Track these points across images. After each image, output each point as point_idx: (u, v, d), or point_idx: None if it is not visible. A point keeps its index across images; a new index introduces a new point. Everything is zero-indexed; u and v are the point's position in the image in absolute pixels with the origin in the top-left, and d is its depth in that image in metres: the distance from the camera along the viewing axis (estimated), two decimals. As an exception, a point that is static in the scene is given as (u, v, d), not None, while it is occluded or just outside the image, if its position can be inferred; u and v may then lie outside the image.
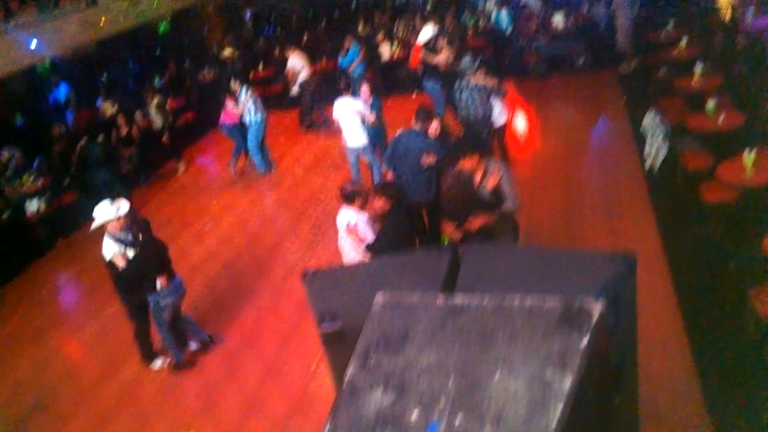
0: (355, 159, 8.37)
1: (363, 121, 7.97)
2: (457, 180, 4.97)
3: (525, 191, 7.95)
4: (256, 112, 9.79)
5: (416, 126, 6.48)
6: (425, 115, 6.50)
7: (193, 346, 6.24)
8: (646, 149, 7.26)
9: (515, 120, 10.00)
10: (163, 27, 14.94)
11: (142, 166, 10.99)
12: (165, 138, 11.13)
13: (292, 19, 18.65)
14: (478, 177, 5.07)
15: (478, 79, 7.71)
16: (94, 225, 5.63)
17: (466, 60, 8.15)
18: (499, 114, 7.92)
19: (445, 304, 1.77)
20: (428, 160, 6.17)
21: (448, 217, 5.14)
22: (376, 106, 8.15)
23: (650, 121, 7.16)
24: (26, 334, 7.38)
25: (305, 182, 9.83)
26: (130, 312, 6.01)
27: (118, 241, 5.55)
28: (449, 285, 2.33)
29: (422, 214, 6.48)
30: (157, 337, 6.15)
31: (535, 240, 6.79)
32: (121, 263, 5.49)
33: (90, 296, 7.93)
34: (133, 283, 5.62)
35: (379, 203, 5.07)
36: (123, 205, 5.63)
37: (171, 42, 16.65)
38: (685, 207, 6.63)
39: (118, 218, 5.55)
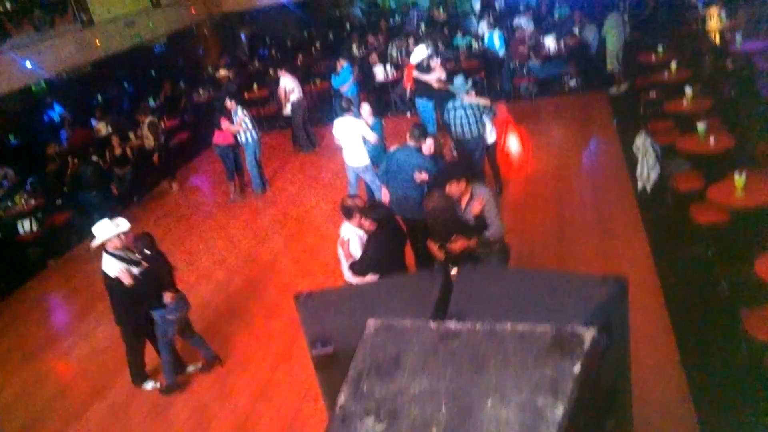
0: (355, 178, 8.39)
1: (364, 141, 8.00)
2: (443, 201, 4.95)
3: (517, 212, 8.02)
4: (251, 132, 9.83)
5: (410, 143, 6.57)
6: (419, 132, 6.58)
7: (190, 369, 6.19)
8: (638, 171, 7.30)
9: (507, 141, 10.06)
10: (158, 48, 15.02)
11: (136, 186, 10.99)
12: (156, 158, 11.11)
13: (286, 40, 18.82)
14: (463, 201, 5.07)
15: (472, 98, 7.83)
16: (95, 243, 5.60)
17: (460, 79, 8.22)
18: (489, 133, 8.03)
19: (437, 330, 1.77)
20: (421, 177, 6.22)
21: (432, 236, 5.14)
22: (378, 126, 8.18)
23: (641, 142, 7.21)
24: (16, 355, 7.33)
25: (299, 202, 9.83)
26: (126, 331, 5.93)
27: (120, 258, 5.52)
28: (441, 308, 2.33)
29: (415, 230, 6.46)
30: (149, 358, 6.10)
31: (528, 261, 6.81)
32: (127, 280, 5.42)
33: (81, 317, 7.88)
34: (140, 299, 5.54)
35: (366, 223, 5.07)
36: (122, 223, 5.63)
37: (166, 62, 16.76)
38: (677, 228, 6.67)
39: (119, 236, 5.54)
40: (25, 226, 9.51)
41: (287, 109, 11.51)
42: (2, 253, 9.57)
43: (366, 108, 8.18)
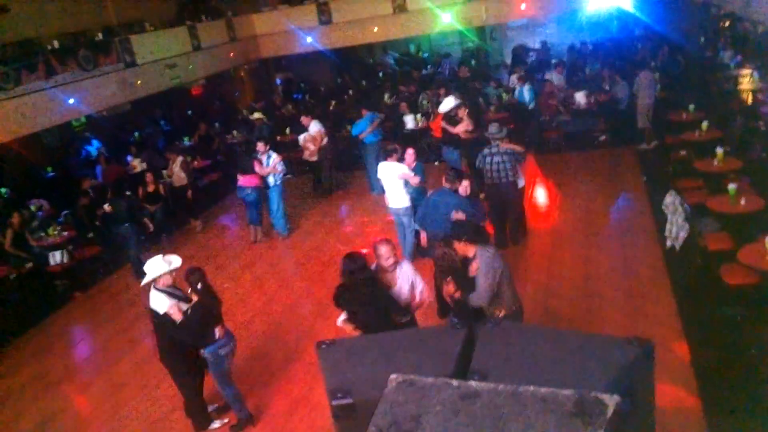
0: (400, 220, 8.50)
1: (406, 184, 8.13)
2: (447, 254, 5.18)
3: (542, 265, 7.98)
4: (280, 175, 10.01)
5: (446, 185, 6.90)
6: (455, 175, 6.93)
7: (216, 425, 5.96)
8: (667, 229, 7.24)
9: (534, 193, 10.09)
10: (193, 87, 15.45)
11: (165, 223, 11.17)
12: (190, 194, 11.32)
13: (320, 86, 19.25)
14: (469, 257, 5.09)
15: (507, 145, 8.23)
16: (146, 279, 5.48)
17: (495, 127, 8.48)
18: (520, 178, 8.37)
19: (458, 389, 1.77)
20: (458, 216, 6.40)
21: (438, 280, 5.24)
22: (420, 170, 8.32)
23: (671, 201, 7.16)
24: (37, 385, 7.37)
25: (322, 245, 9.90)
26: (177, 370, 5.69)
27: (170, 295, 5.45)
28: (463, 364, 2.32)
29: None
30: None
31: (552, 316, 6.73)
32: (178, 316, 5.32)
33: (103, 352, 7.95)
34: (192, 336, 5.42)
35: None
36: (175, 260, 5.56)
37: (203, 103, 17.20)
38: (706, 288, 6.55)
39: (170, 272, 5.50)
40: (56, 257, 9.69)
41: (314, 156, 11.70)
42: (32, 282, 9.77)
43: (410, 153, 8.38)
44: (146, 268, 5.50)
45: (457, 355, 2.31)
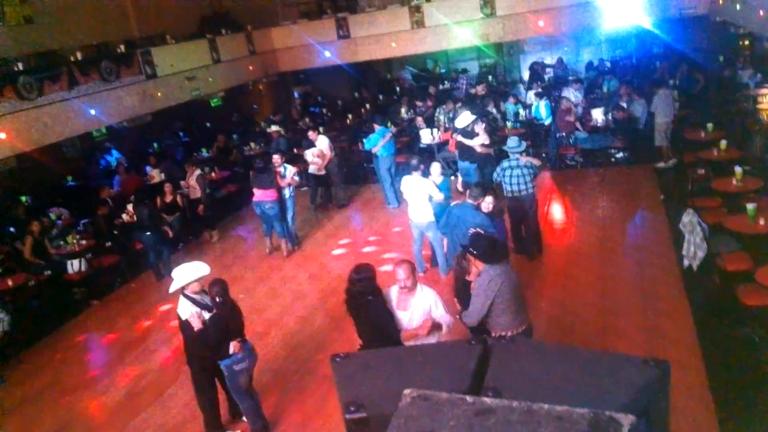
0: (419, 235, 8.51)
1: (430, 199, 8.14)
2: (460, 264, 5.38)
3: (558, 282, 7.95)
4: (293, 187, 10.10)
5: (469, 200, 6.92)
6: (479, 191, 6.94)
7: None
8: (684, 248, 7.18)
9: (551, 209, 10.05)
10: (215, 102, 15.61)
11: (182, 233, 11.28)
12: (201, 209, 11.39)
13: (338, 100, 19.39)
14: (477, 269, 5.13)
15: (526, 158, 8.37)
16: (175, 286, 5.56)
17: (514, 141, 8.57)
18: (537, 192, 8.54)
19: (473, 405, 1.77)
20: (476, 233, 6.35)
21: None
22: (445, 185, 8.35)
23: (688, 220, 7.12)
24: (52, 393, 7.44)
25: (338, 258, 9.93)
26: (195, 377, 5.79)
27: (195, 302, 5.52)
28: (478, 380, 2.32)
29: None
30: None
31: (567, 333, 6.69)
32: (197, 324, 5.37)
33: (118, 360, 7.99)
34: (207, 346, 5.44)
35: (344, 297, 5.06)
36: (203, 268, 5.62)
37: (222, 116, 17.38)
38: (723, 309, 6.49)
39: (198, 280, 5.56)
40: (74, 265, 9.80)
41: (322, 171, 11.76)
42: (50, 290, 9.89)
43: (436, 167, 8.42)
44: (174, 274, 5.56)
45: (471, 372, 2.31)
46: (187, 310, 5.47)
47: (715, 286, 6.79)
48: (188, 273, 5.53)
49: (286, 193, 10.09)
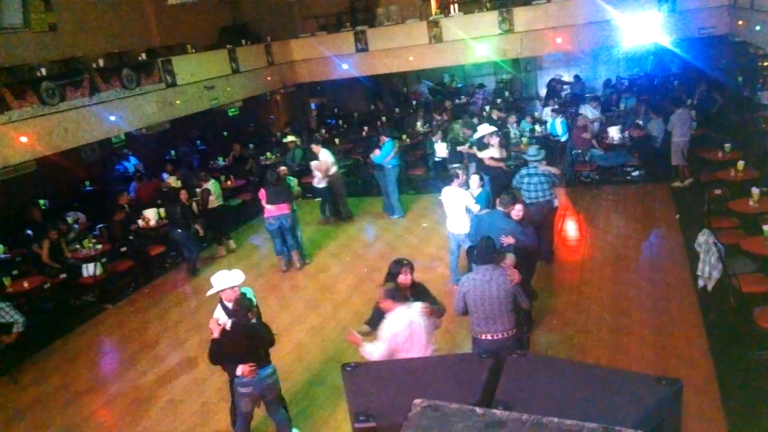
0: (456, 246, 8.50)
1: (468, 210, 8.17)
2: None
3: (571, 299, 7.91)
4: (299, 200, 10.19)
5: (499, 208, 7.00)
6: (509, 199, 7.02)
7: None
8: (699, 268, 7.12)
9: (565, 226, 10.01)
10: (233, 111, 15.74)
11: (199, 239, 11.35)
12: (216, 217, 11.38)
13: (354, 112, 19.48)
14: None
15: (545, 167, 8.54)
16: (211, 292, 5.65)
17: (534, 149, 8.77)
18: (555, 198, 8.74)
19: (483, 417, 1.77)
20: (507, 240, 6.50)
21: None
22: (484, 197, 8.36)
23: (704, 240, 7.06)
24: (63, 395, 7.49)
25: (350, 269, 9.96)
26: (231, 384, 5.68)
27: (225, 310, 5.54)
28: (488, 393, 2.32)
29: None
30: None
31: (579, 351, 6.65)
32: (214, 332, 5.29)
33: (130, 365, 8.03)
34: (215, 357, 5.36)
35: (386, 305, 4.98)
36: (238, 276, 5.64)
37: (239, 125, 17.52)
38: (739, 331, 6.42)
39: (233, 288, 5.55)
40: (89, 269, 9.88)
41: (322, 183, 11.76)
42: (64, 293, 9.98)
43: (475, 179, 8.48)
44: (212, 280, 5.64)
45: (482, 384, 2.31)
46: (216, 316, 5.51)
47: (731, 307, 6.72)
48: (223, 280, 5.60)
49: (294, 205, 10.10)
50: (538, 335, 7.10)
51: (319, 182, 11.83)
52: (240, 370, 5.23)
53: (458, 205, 8.22)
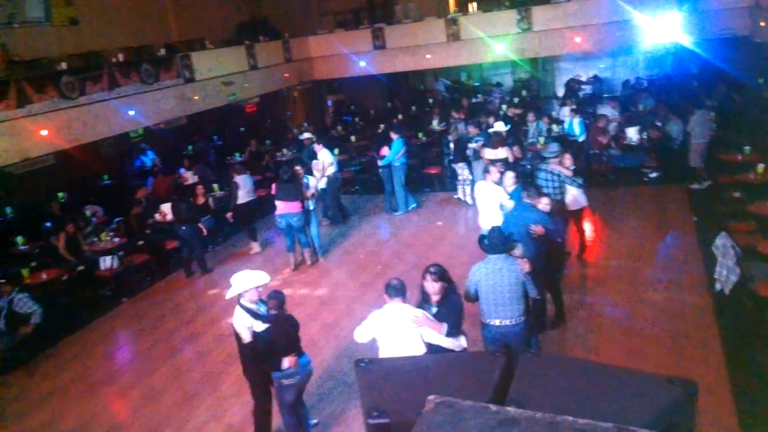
0: None
1: (502, 207, 8.10)
2: None
3: (585, 301, 7.86)
4: (316, 199, 10.15)
5: (526, 200, 7.00)
6: (535, 191, 7.09)
7: None
8: (716, 271, 7.06)
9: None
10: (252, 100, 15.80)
11: (213, 235, 11.43)
12: (230, 215, 11.34)
13: (370, 110, 19.49)
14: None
15: (555, 166, 8.50)
16: (232, 293, 5.42)
17: (554, 146, 8.75)
18: (572, 201, 8.60)
19: (496, 414, 1.77)
20: (538, 230, 6.55)
21: None
22: (518, 194, 8.33)
23: (722, 243, 6.99)
24: (78, 387, 7.57)
25: (365, 265, 9.97)
26: (253, 388, 5.68)
27: (250, 312, 5.39)
28: (501, 391, 2.32)
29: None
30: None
31: (594, 352, 6.61)
32: (246, 336, 5.26)
33: (144, 358, 8.11)
34: (256, 358, 5.33)
35: (436, 287, 5.11)
36: (263, 276, 5.47)
37: (255, 121, 17.59)
38: (755, 335, 6.35)
39: (256, 288, 5.42)
40: (106, 262, 9.99)
41: (322, 183, 11.70)
42: (81, 285, 10.09)
43: (509, 176, 8.32)
44: (233, 280, 5.45)
45: (495, 382, 2.32)
46: (240, 321, 5.36)
47: (747, 311, 6.66)
48: (247, 280, 5.40)
49: (310, 204, 10.00)
50: (551, 335, 7.07)
51: (321, 183, 11.80)
52: (287, 362, 5.25)
53: (491, 201, 8.19)
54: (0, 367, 8.07)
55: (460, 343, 5.09)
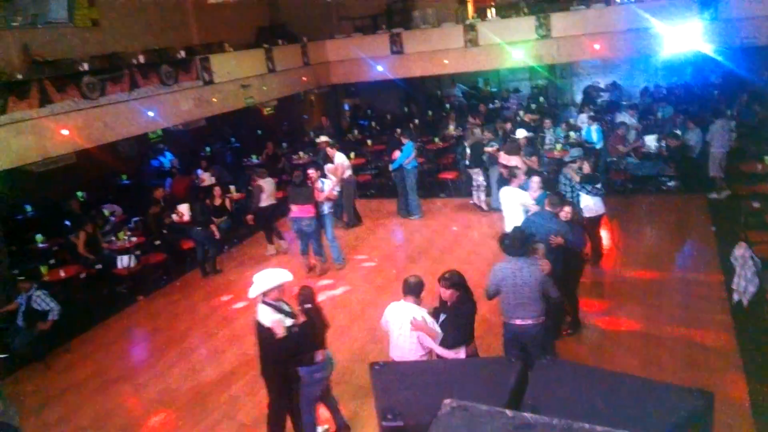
0: None
1: (526, 211, 8.08)
2: None
3: (602, 309, 7.81)
4: (333, 204, 10.12)
5: (548, 208, 6.98)
6: (558, 200, 7.03)
7: (319, 430, 5.82)
8: (735, 282, 6.99)
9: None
10: (267, 110, 15.90)
11: (229, 236, 11.49)
12: (250, 218, 11.22)
13: (386, 114, 19.50)
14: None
15: (568, 170, 8.63)
16: (255, 291, 5.40)
17: (577, 150, 8.83)
18: (586, 207, 8.52)
19: (512, 419, 1.77)
20: (556, 240, 6.53)
21: None
22: (542, 200, 8.32)
23: (740, 253, 6.92)
24: (93, 384, 7.65)
25: (379, 269, 9.98)
26: (271, 387, 5.62)
27: (276, 309, 5.38)
28: (516, 397, 2.31)
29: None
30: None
31: (608, 360, 6.56)
32: (281, 332, 5.24)
33: (159, 356, 8.17)
34: (290, 354, 5.31)
35: (447, 293, 5.11)
36: (285, 275, 5.47)
37: (272, 123, 17.68)
38: (774, 348, 6.28)
39: (279, 287, 5.41)
40: (124, 261, 10.08)
41: (336, 187, 11.64)
42: (98, 283, 10.20)
43: (535, 180, 8.34)
44: (255, 279, 5.45)
45: (510, 387, 2.31)
46: (268, 317, 5.34)
47: (766, 322, 6.58)
48: (270, 279, 5.39)
49: (325, 209, 9.91)
50: (568, 342, 7.03)
51: (336, 187, 11.79)
52: (320, 354, 5.35)
53: (516, 206, 8.20)
54: (17, 362, 8.17)
55: (456, 355, 5.12)
